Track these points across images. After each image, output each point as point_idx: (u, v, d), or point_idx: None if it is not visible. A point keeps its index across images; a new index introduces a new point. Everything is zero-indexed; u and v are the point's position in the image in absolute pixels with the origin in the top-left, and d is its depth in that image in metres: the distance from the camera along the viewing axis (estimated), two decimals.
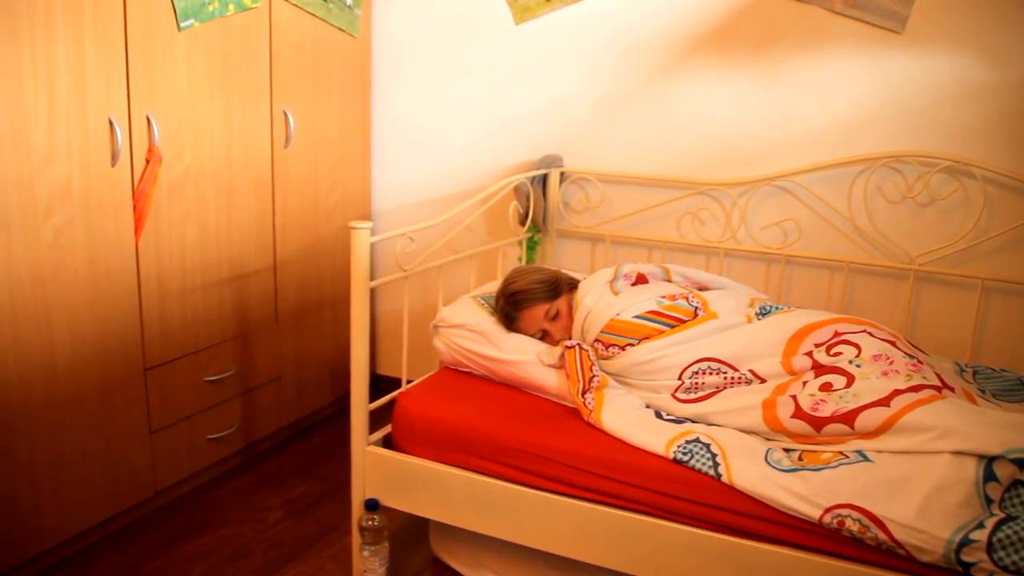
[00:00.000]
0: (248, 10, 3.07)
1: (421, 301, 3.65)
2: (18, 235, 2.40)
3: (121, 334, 2.76)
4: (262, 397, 3.40)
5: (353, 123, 3.72)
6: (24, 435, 2.50)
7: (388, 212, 3.94)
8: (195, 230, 2.97)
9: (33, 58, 2.38)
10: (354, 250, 2.39)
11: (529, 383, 2.57)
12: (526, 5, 3.46)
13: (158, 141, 2.77)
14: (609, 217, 3.43)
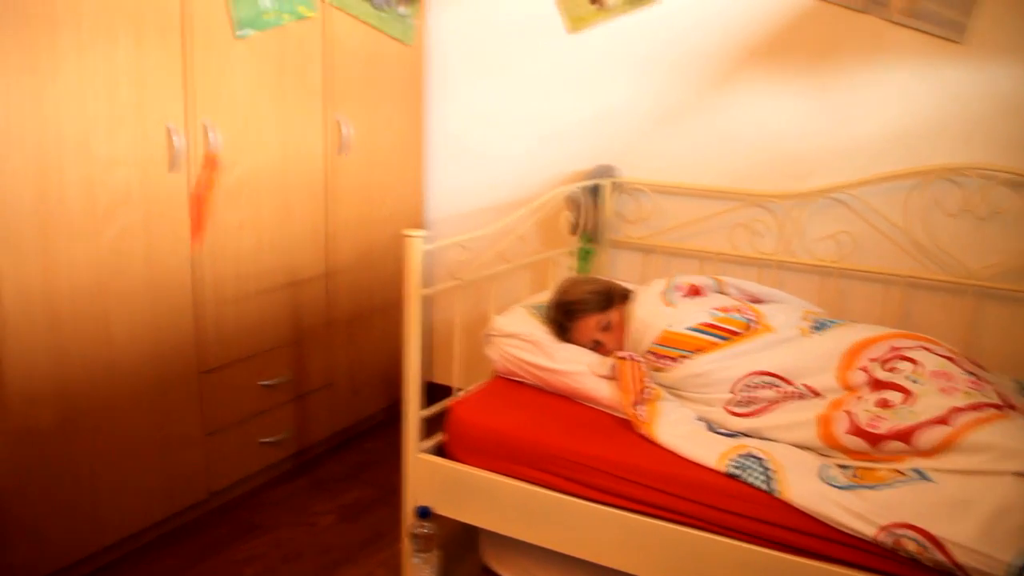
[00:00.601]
0: (303, 19, 3.10)
1: (474, 310, 3.66)
2: (80, 239, 2.45)
3: (178, 338, 2.80)
4: (315, 402, 3.43)
5: (406, 131, 3.74)
6: (84, 434, 2.56)
7: (441, 220, 3.95)
8: (251, 236, 3.01)
9: (96, 67, 2.43)
10: (408, 258, 2.40)
11: (581, 394, 2.57)
12: (580, 15, 3.46)
13: (215, 148, 2.81)
14: (662, 228, 3.41)
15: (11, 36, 2.22)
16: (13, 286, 2.31)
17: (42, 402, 2.43)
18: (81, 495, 2.57)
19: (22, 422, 2.39)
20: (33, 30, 2.27)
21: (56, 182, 2.37)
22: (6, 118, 2.24)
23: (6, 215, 2.27)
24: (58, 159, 2.37)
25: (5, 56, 2.22)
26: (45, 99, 2.32)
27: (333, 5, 3.22)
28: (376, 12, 3.44)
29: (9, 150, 2.26)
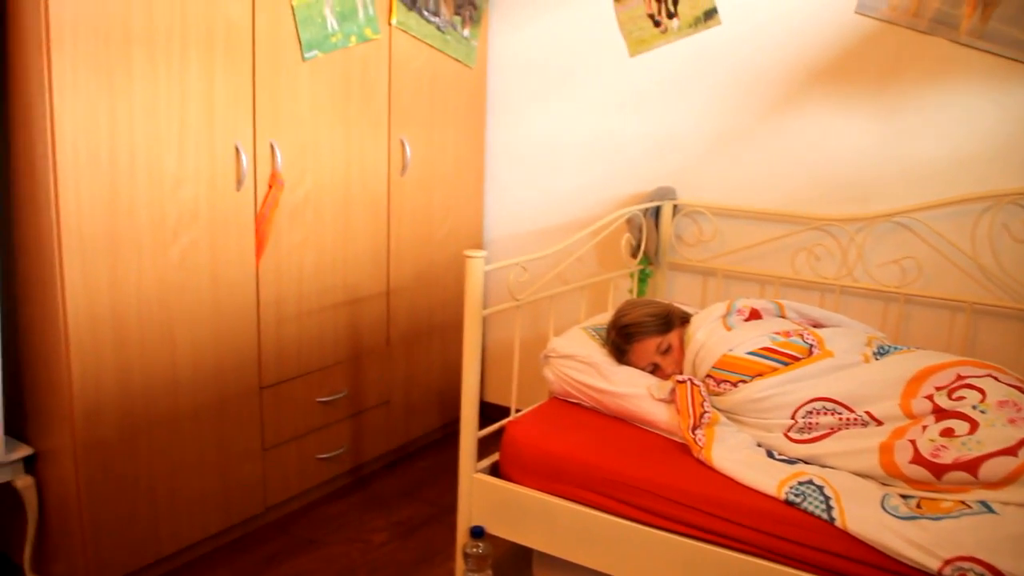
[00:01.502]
0: (369, 41, 3.15)
1: (531, 330, 3.66)
2: (148, 255, 2.51)
3: (239, 353, 2.84)
4: (371, 420, 3.46)
5: (467, 152, 3.77)
6: (146, 446, 2.61)
7: (500, 240, 3.97)
8: (313, 254, 3.05)
9: (168, 87, 2.49)
10: (468, 278, 2.42)
11: (638, 416, 2.55)
12: (641, 37, 3.46)
13: (280, 167, 2.86)
14: (722, 251, 3.39)
15: (89, 55, 2.29)
16: (83, 300, 2.38)
17: (106, 414, 2.49)
18: (140, 506, 2.62)
19: (87, 433, 2.45)
20: (110, 50, 2.34)
21: (126, 199, 2.44)
22: (82, 135, 2.31)
23: (79, 230, 2.34)
24: (129, 176, 2.43)
25: (83, 75, 2.29)
26: (118, 118, 2.39)
27: (398, 27, 3.26)
28: (440, 34, 3.48)
29: (83, 167, 2.32)
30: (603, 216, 3.43)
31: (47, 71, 2.23)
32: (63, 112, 2.26)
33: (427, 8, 3.40)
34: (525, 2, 3.75)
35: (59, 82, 2.25)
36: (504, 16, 3.81)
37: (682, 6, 3.33)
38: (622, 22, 3.50)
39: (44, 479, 2.58)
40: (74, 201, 2.32)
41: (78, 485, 2.46)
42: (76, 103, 2.29)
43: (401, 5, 3.27)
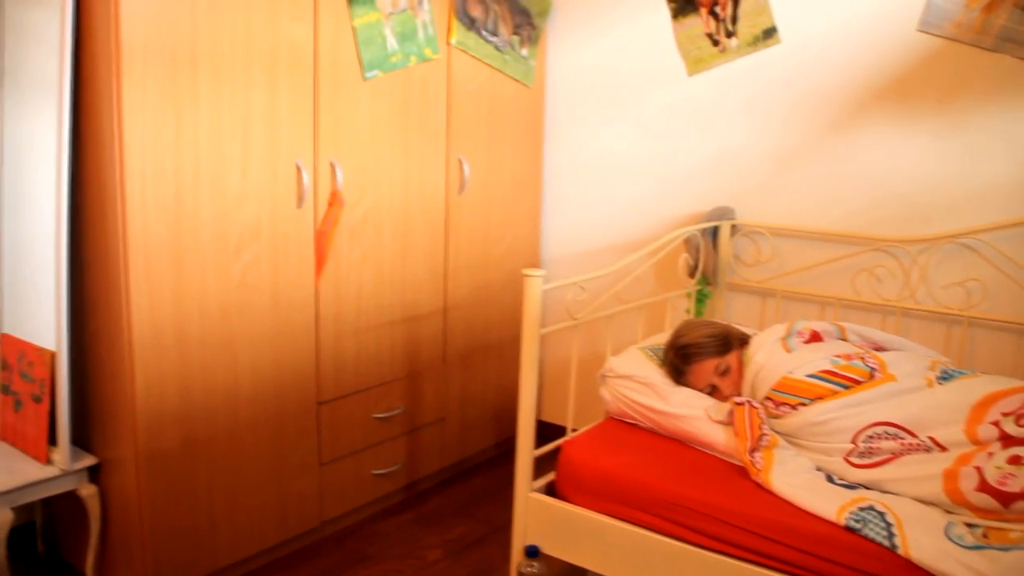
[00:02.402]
0: (429, 61, 3.18)
1: (587, 349, 3.66)
2: (211, 271, 2.56)
3: (298, 369, 2.88)
4: (427, 436, 3.47)
5: (525, 171, 3.78)
6: (206, 458, 2.65)
7: (557, 259, 3.98)
8: (371, 272, 3.08)
9: (232, 107, 2.54)
10: (527, 297, 2.42)
11: (696, 438, 2.53)
12: (700, 56, 3.45)
13: (341, 185, 2.90)
14: (781, 272, 3.35)
15: (157, 76, 2.35)
16: (147, 314, 2.42)
17: (168, 426, 2.53)
18: (200, 517, 2.66)
19: (149, 444, 2.49)
20: (177, 71, 2.39)
21: (191, 216, 2.48)
22: (150, 154, 2.37)
23: (145, 246, 2.39)
24: (194, 194, 2.48)
25: (151, 95, 2.34)
26: (184, 136, 2.44)
27: (457, 47, 3.29)
28: (499, 54, 3.51)
29: (150, 184, 2.38)
30: (661, 236, 3.41)
31: (117, 91, 2.29)
32: (132, 131, 2.32)
33: (486, 28, 3.43)
34: (583, 22, 3.76)
35: (129, 102, 2.30)
36: (562, 36, 3.83)
37: (741, 25, 3.32)
38: (680, 41, 3.50)
39: (107, 488, 2.63)
40: (141, 218, 2.37)
41: (140, 495, 2.50)
42: (144, 122, 2.34)
43: (460, 25, 3.30)
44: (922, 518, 2.09)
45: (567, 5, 3.80)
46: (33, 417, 2.60)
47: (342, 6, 2.84)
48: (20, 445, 2.66)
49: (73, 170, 2.48)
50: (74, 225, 2.52)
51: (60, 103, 2.41)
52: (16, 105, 2.67)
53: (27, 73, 2.62)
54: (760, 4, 3.25)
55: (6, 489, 2.44)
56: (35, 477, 2.51)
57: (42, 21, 2.52)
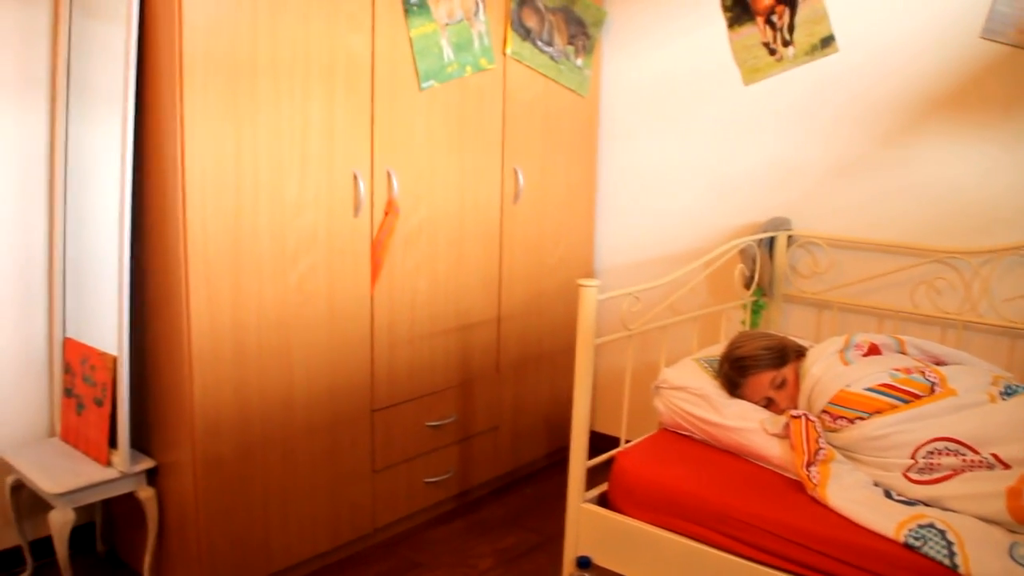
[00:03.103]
0: (484, 71, 3.19)
1: (640, 360, 3.64)
2: (269, 279, 2.59)
3: (353, 376, 2.90)
4: (479, 445, 3.48)
5: (579, 180, 3.78)
6: (261, 462, 2.68)
7: (610, 269, 3.96)
8: (426, 280, 3.10)
9: (291, 116, 2.58)
10: (581, 307, 2.42)
11: (751, 451, 2.51)
12: (756, 66, 3.43)
13: (397, 194, 2.92)
14: (838, 283, 3.31)
15: (218, 86, 2.39)
16: (206, 320, 2.46)
17: (225, 430, 2.56)
18: (254, 522, 2.69)
19: (206, 448, 2.53)
20: (237, 81, 2.44)
21: (250, 224, 2.52)
22: (210, 162, 2.41)
23: (206, 254, 2.43)
24: (253, 202, 2.52)
25: (212, 104, 2.39)
26: (243, 146, 2.47)
27: (512, 57, 3.30)
28: (553, 64, 3.51)
29: (210, 192, 2.42)
30: (716, 246, 3.39)
31: (179, 102, 2.33)
32: (193, 140, 2.36)
33: (541, 38, 3.44)
34: (638, 31, 3.75)
35: (190, 112, 2.35)
36: (617, 45, 3.82)
37: (798, 34, 3.29)
38: (736, 51, 3.47)
39: (164, 491, 2.67)
40: (200, 225, 2.41)
41: (196, 498, 2.54)
42: (205, 132, 2.39)
43: (516, 35, 3.31)
44: (985, 537, 2.04)
45: (622, 15, 3.79)
46: (95, 420, 2.65)
47: (399, 17, 2.87)
48: (82, 447, 2.72)
49: (136, 179, 2.54)
50: (136, 233, 2.57)
51: (124, 113, 2.47)
52: (82, 115, 2.73)
53: (93, 84, 2.68)
54: (818, 13, 3.22)
55: (68, 490, 2.50)
56: (96, 479, 2.56)
57: (108, 34, 2.58)
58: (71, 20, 2.73)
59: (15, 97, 2.70)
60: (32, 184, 2.77)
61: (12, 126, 2.70)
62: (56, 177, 2.78)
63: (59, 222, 2.78)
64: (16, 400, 2.81)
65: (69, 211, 2.79)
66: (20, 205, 2.75)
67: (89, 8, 2.68)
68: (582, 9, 3.62)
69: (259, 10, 2.47)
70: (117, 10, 2.50)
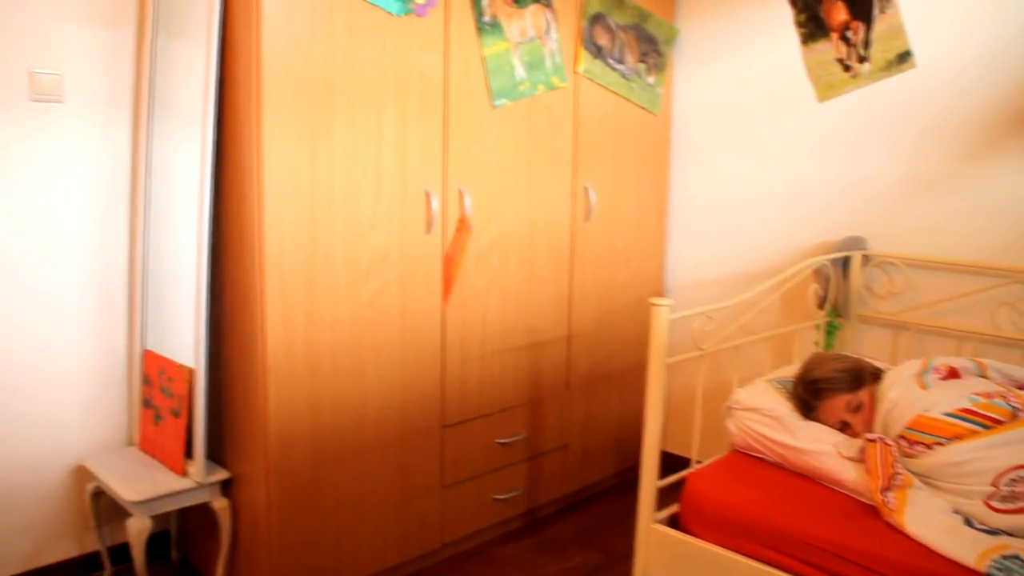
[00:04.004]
0: (555, 89, 3.21)
1: (711, 380, 3.60)
2: (343, 294, 2.63)
3: (424, 391, 2.92)
4: (548, 463, 3.47)
5: (650, 198, 3.77)
6: (332, 475, 2.71)
7: (681, 288, 3.94)
8: (497, 297, 3.11)
9: (365, 135, 2.63)
10: (653, 326, 2.41)
11: (825, 475, 2.46)
12: (830, 82, 3.38)
13: (469, 212, 2.94)
14: (915, 304, 3.24)
15: (295, 106, 2.44)
16: (281, 334, 2.51)
17: (298, 443, 2.60)
18: (325, 533, 2.72)
19: (279, 461, 2.57)
20: (314, 101, 2.49)
21: (324, 240, 2.56)
22: (287, 180, 2.46)
23: (282, 269, 2.47)
24: (327, 219, 2.56)
25: (289, 124, 2.44)
26: (319, 164, 2.52)
27: (584, 75, 3.31)
28: (625, 81, 3.51)
29: (287, 209, 2.47)
30: (789, 265, 3.35)
31: (257, 120, 2.39)
32: (271, 158, 2.41)
33: (612, 56, 3.44)
34: (710, 49, 3.73)
35: (268, 129, 2.40)
36: (689, 63, 3.81)
37: (874, 50, 3.24)
38: (810, 67, 3.44)
39: (238, 502, 2.72)
40: (277, 242, 2.46)
41: (269, 509, 2.58)
42: (282, 150, 2.43)
43: (587, 53, 3.32)
44: None
45: (694, 32, 3.78)
46: (172, 431, 2.71)
47: (472, 36, 2.90)
48: (159, 457, 2.78)
49: (214, 195, 2.60)
50: (214, 248, 2.63)
51: (204, 131, 2.53)
52: (163, 133, 2.81)
53: (174, 102, 2.76)
54: (894, 27, 3.17)
55: (146, 498, 2.56)
56: (172, 488, 2.62)
57: (190, 54, 2.65)
58: (155, 41, 2.81)
59: (101, 115, 2.78)
60: (115, 199, 2.85)
61: (97, 143, 2.79)
62: (138, 192, 2.86)
63: (140, 237, 2.86)
64: (97, 409, 2.89)
65: (150, 226, 2.87)
66: (104, 220, 2.83)
67: (172, 29, 2.76)
68: (654, 27, 3.62)
69: (335, 31, 2.51)
70: (199, 31, 2.57)
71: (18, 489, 2.77)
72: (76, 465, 2.86)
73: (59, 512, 2.86)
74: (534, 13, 3.10)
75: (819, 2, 3.36)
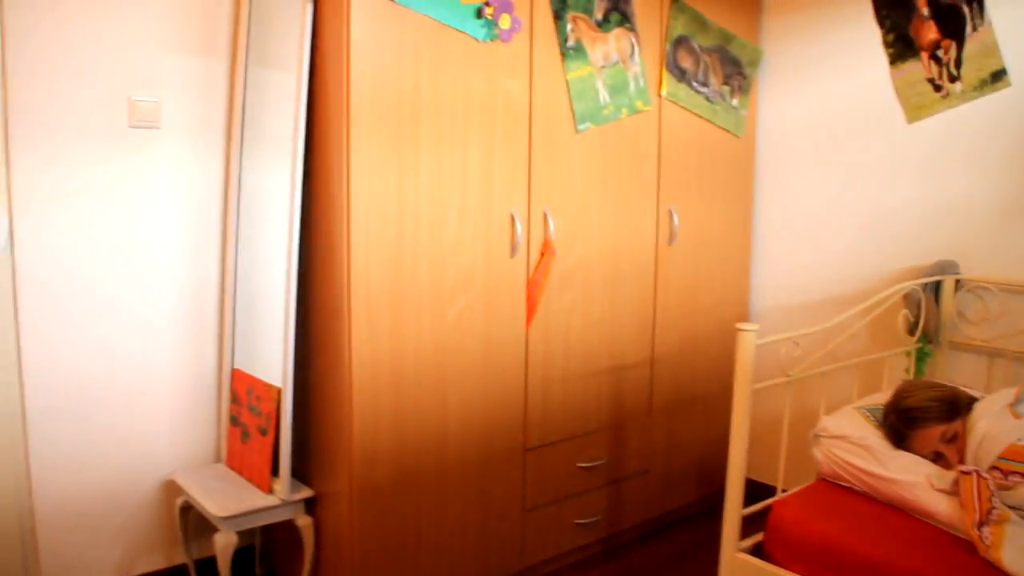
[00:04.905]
0: (639, 113, 3.20)
1: (797, 406, 3.54)
2: (428, 315, 2.65)
3: (506, 414, 2.93)
4: (629, 488, 3.45)
5: (735, 221, 3.73)
6: (414, 497, 2.73)
7: (766, 312, 3.88)
8: (580, 320, 3.11)
9: (451, 158, 2.66)
10: (739, 352, 2.38)
11: (916, 507, 2.39)
12: (920, 103, 3.31)
13: (553, 235, 2.95)
14: (1010, 331, 3.13)
15: (382, 130, 2.49)
16: (367, 354, 2.54)
17: (381, 463, 2.63)
18: (406, 554, 2.74)
19: (363, 479, 2.60)
20: (400, 125, 2.53)
21: (409, 262, 2.59)
22: (374, 202, 2.50)
23: (368, 291, 2.51)
24: (413, 241, 2.59)
25: (376, 147, 2.49)
26: (405, 187, 2.56)
27: (668, 99, 3.30)
28: (709, 104, 3.49)
29: (374, 232, 2.51)
30: (877, 290, 3.28)
31: (346, 145, 2.44)
32: (358, 182, 2.46)
33: (696, 79, 3.43)
34: (795, 71, 3.69)
35: (356, 154, 2.45)
36: (774, 85, 3.77)
37: (966, 68, 3.17)
38: (899, 88, 3.37)
39: (321, 519, 2.75)
40: (364, 263, 2.50)
41: (352, 528, 2.60)
42: (369, 174, 2.48)
43: (671, 77, 3.31)
44: None
45: (779, 54, 3.74)
46: (259, 448, 2.76)
47: (556, 61, 2.91)
48: (245, 474, 2.83)
49: (303, 218, 2.65)
50: (302, 269, 2.69)
51: (294, 156, 2.59)
52: (253, 158, 2.88)
53: (264, 128, 2.83)
54: (988, 45, 3.10)
55: (232, 514, 2.61)
56: (258, 505, 2.66)
57: (280, 81, 2.72)
58: (246, 69, 2.89)
59: (195, 140, 2.87)
60: (207, 222, 2.93)
61: (191, 167, 2.87)
62: (229, 215, 2.93)
63: (231, 259, 2.93)
64: (187, 426, 2.96)
65: (240, 248, 2.94)
66: (195, 242, 2.91)
67: (263, 58, 2.83)
68: (738, 49, 3.59)
69: (422, 57, 2.55)
70: (289, 59, 2.63)
71: (112, 500, 2.85)
72: (166, 480, 2.94)
73: (149, 524, 2.94)
74: (618, 37, 3.10)
75: (908, 21, 3.30)
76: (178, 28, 2.79)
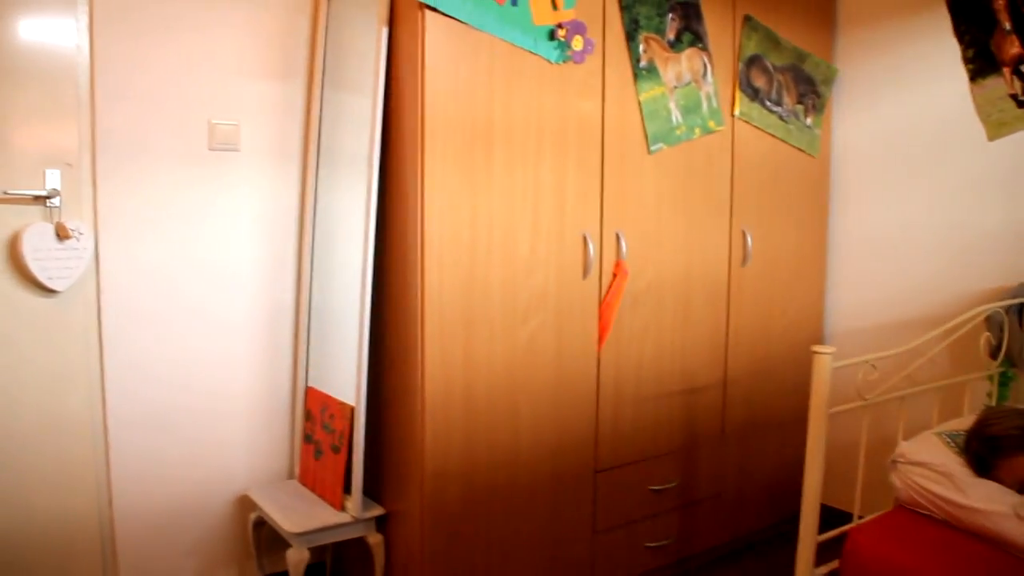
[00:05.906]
0: (712, 133, 3.18)
1: (874, 431, 3.46)
2: (500, 334, 2.66)
3: (577, 435, 2.92)
4: (701, 512, 3.40)
5: (809, 242, 3.68)
6: (484, 517, 2.73)
7: (841, 334, 3.81)
8: (652, 342, 3.09)
9: (523, 179, 2.67)
10: (815, 375, 2.34)
11: (1000, 537, 2.31)
12: (1002, 120, 3.24)
13: (625, 256, 2.94)
14: None
15: (456, 151, 2.52)
16: (440, 373, 2.56)
17: (452, 483, 2.63)
18: (475, 573, 2.73)
19: (434, 498, 2.61)
20: (473, 146, 2.55)
21: (482, 283, 2.61)
22: (448, 223, 2.53)
23: (441, 311, 2.53)
24: (485, 261, 2.61)
25: (450, 168, 2.52)
26: (478, 208, 2.58)
27: (741, 118, 3.28)
28: (782, 124, 3.46)
29: (447, 252, 2.53)
30: (957, 312, 3.20)
31: (420, 167, 2.47)
32: (432, 203, 2.49)
33: (770, 98, 3.40)
34: (871, 88, 3.64)
35: (430, 175, 2.48)
36: (848, 103, 3.72)
37: None
38: (979, 104, 3.30)
39: (392, 537, 2.77)
40: (437, 283, 2.52)
41: (422, 547, 2.61)
42: (443, 194, 2.50)
43: (744, 96, 3.29)
44: None
45: (853, 72, 3.69)
46: (331, 466, 2.79)
47: (628, 82, 2.91)
48: (318, 491, 2.86)
49: (377, 238, 2.68)
50: (376, 289, 2.72)
51: (369, 177, 2.63)
52: (329, 179, 2.93)
53: (340, 150, 2.88)
54: None
55: (305, 530, 2.64)
56: (330, 522, 2.69)
57: (355, 104, 2.77)
58: (323, 92, 2.94)
59: (272, 161, 2.93)
60: (283, 242, 2.99)
61: (268, 188, 2.93)
62: (305, 235, 2.98)
63: (306, 278, 2.98)
64: (261, 442, 3.01)
65: (316, 268, 2.99)
66: (272, 262, 2.97)
67: (339, 81, 2.89)
68: (812, 67, 3.55)
69: (495, 80, 2.58)
70: (364, 83, 2.68)
71: (188, 513, 2.91)
72: (240, 495, 2.99)
73: (223, 538, 2.99)
74: (690, 57, 3.09)
75: (989, 36, 3.23)
76: (257, 53, 2.86)
